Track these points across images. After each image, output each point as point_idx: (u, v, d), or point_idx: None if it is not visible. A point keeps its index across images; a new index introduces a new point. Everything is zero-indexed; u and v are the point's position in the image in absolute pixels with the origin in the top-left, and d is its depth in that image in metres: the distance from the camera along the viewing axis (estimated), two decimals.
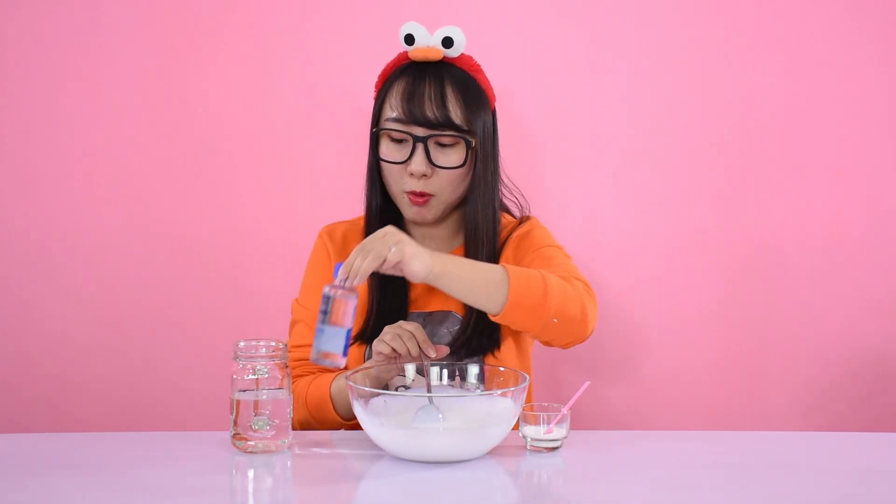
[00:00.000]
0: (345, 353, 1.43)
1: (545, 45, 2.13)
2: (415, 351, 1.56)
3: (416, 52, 1.70)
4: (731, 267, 2.17)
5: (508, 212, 1.84)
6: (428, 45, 1.70)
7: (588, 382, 1.65)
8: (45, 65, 2.09)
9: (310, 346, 1.69)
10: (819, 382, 2.20)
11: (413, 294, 1.74)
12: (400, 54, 1.73)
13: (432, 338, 1.70)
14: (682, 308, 2.18)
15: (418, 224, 1.75)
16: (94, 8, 2.08)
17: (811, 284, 2.18)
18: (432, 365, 1.62)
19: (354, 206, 1.83)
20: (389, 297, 1.72)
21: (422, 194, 1.68)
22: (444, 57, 1.70)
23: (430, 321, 1.72)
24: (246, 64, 2.11)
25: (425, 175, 1.67)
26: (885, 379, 2.20)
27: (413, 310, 1.74)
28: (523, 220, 1.81)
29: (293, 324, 1.80)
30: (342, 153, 2.14)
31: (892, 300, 2.19)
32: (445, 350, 1.59)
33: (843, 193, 2.17)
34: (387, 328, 1.58)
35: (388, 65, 1.75)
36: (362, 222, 1.80)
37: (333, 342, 1.43)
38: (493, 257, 1.73)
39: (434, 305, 1.74)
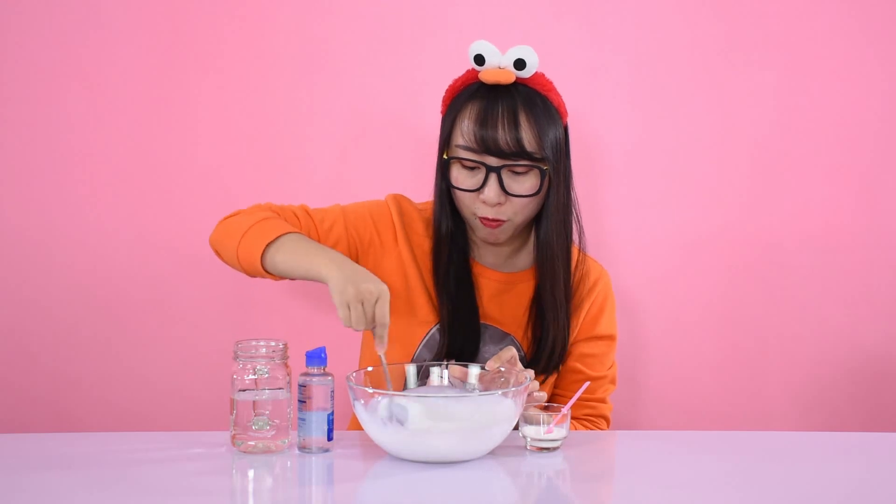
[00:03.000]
0: (330, 437, 1.48)
1: (545, 45, 2.13)
2: (363, 325, 1.50)
3: (486, 74, 1.64)
4: (731, 267, 2.18)
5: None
6: (499, 65, 1.64)
7: (588, 382, 1.66)
8: (45, 64, 2.08)
9: (314, 224, 1.71)
10: (819, 382, 2.20)
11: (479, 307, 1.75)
12: (468, 73, 1.68)
13: (483, 354, 1.72)
14: (682, 308, 2.18)
15: (490, 244, 1.74)
16: (94, 7, 2.08)
17: (811, 284, 2.18)
18: (433, 365, 1.62)
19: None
20: (460, 309, 1.71)
21: (495, 219, 1.66)
22: (517, 78, 1.65)
23: (486, 337, 1.73)
24: (245, 64, 2.11)
25: (498, 203, 1.64)
26: (885, 378, 2.20)
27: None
28: (601, 273, 1.81)
29: (324, 207, 1.75)
30: (341, 154, 2.14)
31: (891, 300, 2.19)
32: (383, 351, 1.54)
33: (843, 193, 2.17)
34: (357, 295, 1.49)
35: (457, 83, 1.69)
36: (427, 212, 1.77)
37: (319, 428, 1.47)
38: (567, 283, 1.73)
39: (493, 322, 1.74)
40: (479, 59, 1.65)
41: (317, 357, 1.48)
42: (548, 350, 1.72)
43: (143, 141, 2.11)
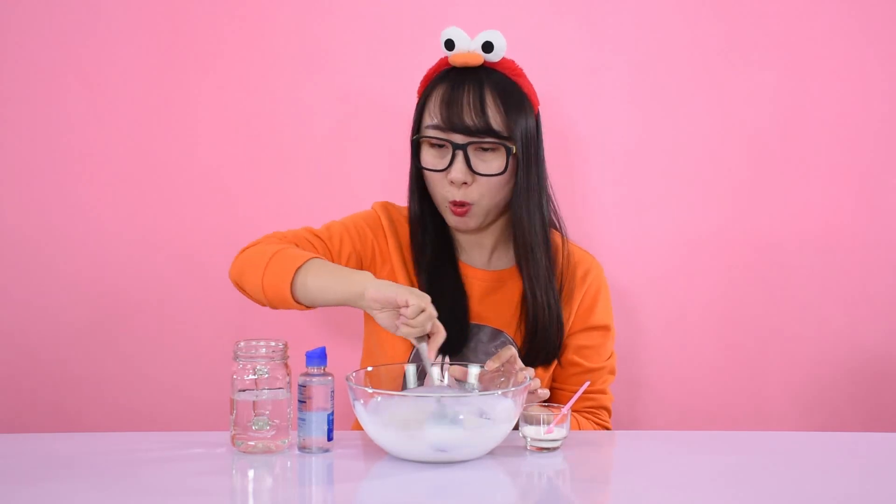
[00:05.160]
0: (330, 437, 1.48)
1: (545, 45, 2.13)
2: (426, 326, 1.49)
3: (455, 57, 1.67)
4: (731, 267, 2.18)
5: (555, 226, 1.79)
6: (468, 49, 1.67)
7: (588, 382, 1.66)
8: (45, 64, 2.08)
9: (321, 242, 1.70)
10: (819, 382, 2.20)
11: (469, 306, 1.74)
12: (441, 60, 1.71)
13: (479, 354, 1.71)
14: (682, 308, 2.18)
15: (462, 231, 1.75)
16: (94, 7, 2.08)
17: (811, 284, 2.18)
18: (432, 365, 1.62)
19: (354, 206, 1.83)
20: (449, 309, 1.70)
21: (462, 203, 1.66)
22: (485, 62, 1.67)
23: (480, 336, 1.73)
24: (245, 64, 2.11)
25: (465, 183, 1.64)
26: (885, 378, 2.20)
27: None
28: (592, 263, 1.81)
29: (324, 226, 1.75)
30: (341, 154, 2.14)
31: (891, 300, 2.19)
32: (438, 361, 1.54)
33: (843, 193, 2.17)
34: (421, 303, 1.48)
35: (430, 70, 1.72)
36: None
37: (319, 428, 1.47)
38: (550, 270, 1.73)
39: (485, 321, 1.75)
40: (450, 45, 1.68)
41: (317, 357, 1.48)
42: (544, 339, 1.71)
43: (143, 141, 2.11)
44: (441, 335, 1.52)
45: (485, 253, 1.78)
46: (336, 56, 2.12)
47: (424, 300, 1.49)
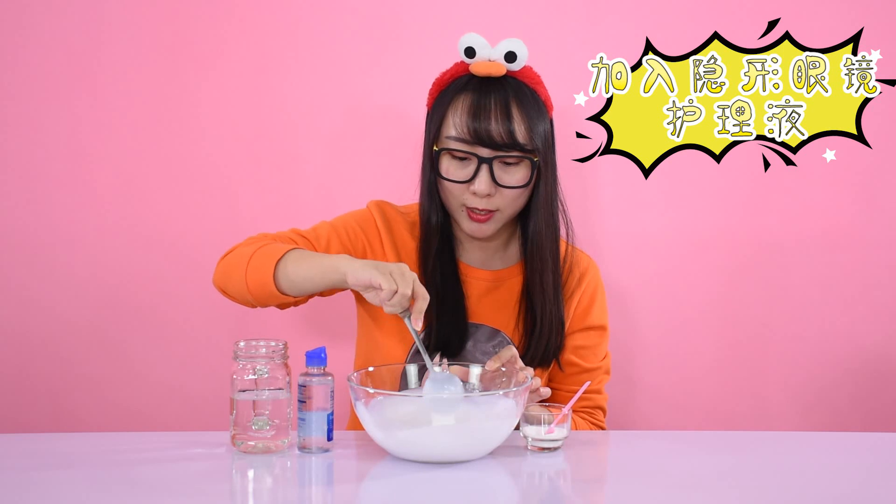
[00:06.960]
0: (330, 437, 1.48)
1: (546, 43, 2.13)
2: (403, 303, 1.46)
3: (478, 66, 1.65)
4: (731, 267, 2.18)
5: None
6: (489, 58, 1.66)
7: (589, 382, 1.66)
8: (46, 65, 2.08)
9: (305, 239, 1.70)
10: (819, 382, 2.20)
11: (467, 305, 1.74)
12: (457, 65, 1.69)
13: (476, 354, 1.71)
14: (682, 308, 2.18)
15: (477, 238, 1.74)
16: (98, 9, 2.08)
17: (811, 284, 2.18)
18: (433, 366, 1.62)
19: (355, 206, 1.83)
20: (449, 310, 1.70)
21: (485, 211, 1.66)
22: (507, 71, 1.66)
23: (478, 335, 1.73)
24: (247, 65, 2.11)
25: (489, 194, 1.64)
26: (885, 378, 2.20)
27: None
28: (589, 263, 1.81)
29: (311, 227, 1.74)
30: (342, 154, 2.14)
31: (891, 300, 2.19)
32: (422, 326, 1.50)
33: (842, 193, 2.17)
34: (392, 285, 1.45)
35: (445, 76, 1.70)
36: (410, 215, 1.77)
37: (319, 428, 1.47)
38: (556, 272, 1.73)
39: (483, 320, 1.74)
40: (470, 52, 1.66)
41: (317, 357, 1.48)
42: (543, 341, 1.71)
43: (144, 141, 2.11)
44: (423, 300, 1.48)
45: (487, 253, 1.78)
46: (337, 55, 2.12)
47: (399, 280, 1.45)
